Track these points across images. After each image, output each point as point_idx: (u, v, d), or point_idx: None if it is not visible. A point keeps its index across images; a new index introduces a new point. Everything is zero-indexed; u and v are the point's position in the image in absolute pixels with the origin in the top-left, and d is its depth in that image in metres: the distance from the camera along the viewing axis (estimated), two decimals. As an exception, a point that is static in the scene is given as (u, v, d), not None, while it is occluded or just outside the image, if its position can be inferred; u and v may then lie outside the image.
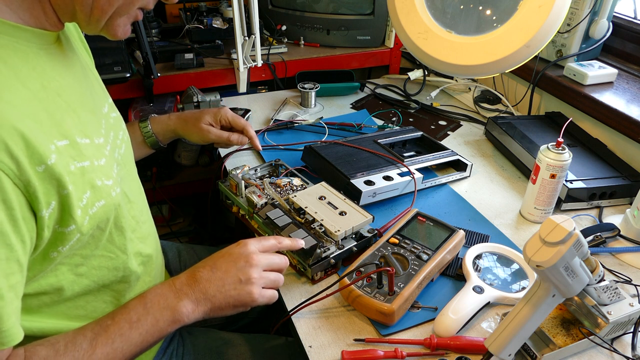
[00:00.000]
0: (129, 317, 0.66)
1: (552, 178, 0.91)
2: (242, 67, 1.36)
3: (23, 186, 0.54)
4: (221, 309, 0.71)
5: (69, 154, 0.60)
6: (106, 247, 0.69)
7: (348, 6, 1.52)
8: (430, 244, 0.83)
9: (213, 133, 1.01)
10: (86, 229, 0.62)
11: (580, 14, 1.19)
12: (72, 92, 0.66)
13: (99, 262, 0.69)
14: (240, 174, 1.00)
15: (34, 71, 0.60)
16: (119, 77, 1.27)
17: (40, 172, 0.55)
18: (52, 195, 0.57)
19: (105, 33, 0.65)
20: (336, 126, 1.26)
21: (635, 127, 1.05)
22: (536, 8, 0.84)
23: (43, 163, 0.55)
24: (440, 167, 1.12)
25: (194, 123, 1.00)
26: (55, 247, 0.60)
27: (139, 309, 0.67)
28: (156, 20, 1.53)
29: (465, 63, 0.91)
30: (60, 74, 0.65)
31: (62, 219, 0.59)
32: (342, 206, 0.89)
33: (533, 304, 0.62)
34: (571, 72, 1.21)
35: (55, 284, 0.64)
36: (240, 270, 0.71)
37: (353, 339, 0.73)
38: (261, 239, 0.77)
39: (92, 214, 0.63)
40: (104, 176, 0.66)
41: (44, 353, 0.60)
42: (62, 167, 0.58)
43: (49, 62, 0.64)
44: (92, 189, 0.63)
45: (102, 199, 0.64)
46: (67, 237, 0.60)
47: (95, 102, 0.73)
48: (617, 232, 0.92)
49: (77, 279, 0.66)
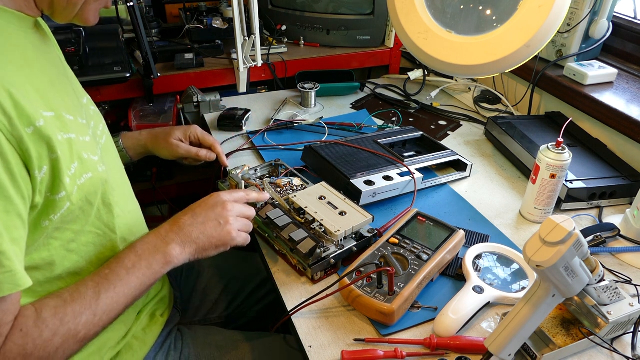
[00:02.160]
0: (125, 264, 0.71)
1: (552, 178, 0.91)
2: (242, 67, 1.36)
3: (16, 143, 0.57)
4: (205, 249, 0.78)
5: (56, 125, 0.63)
6: (95, 223, 0.72)
7: (348, 6, 1.52)
8: (430, 244, 0.83)
9: (182, 148, 1.03)
10: (75, 198, 0.65)
11: (580, 14, 1.19)
12: (54, 74, 0.70)
13: (88, 238, 0.72)
14: (240, 174, 1.00)
15: (17, 49, 0.64)
16: (119, 77, 1.27)
17: (30, 134, 0.58)
18: (44, 159, 0.60)
19: (78, 20, 0.70)
20: (336, 126, 1.26)
21: (635, 127, 1.05)
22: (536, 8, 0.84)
23: (32, 125, 0.58)
24: (440, 167, 1.12)
25: (164, 138, 1.03)
26: (47, 215, 0.63)
27: (132, 256, 0.72)
28: (156, 20, 1.53)
29: (465, 63, 0.91)
30: (40, 58, 0.69)
31: (53, 186, 0.62)
32: (342, 206, 0.89)
33: (533, 304, 0.62)
34: (571, 72, 1.21)
35: (47, 259, 0.66)
36: (219, 215, 0.79)
37: (353, 339, 0.73)
38: (231, 191, 0.85)
39: (80, 184, 0.66)
40: (90, 151, 0.69)
41: (53, 303, 0.64)
42: (50, 131, 0.61)
43: (30, 45, 0.67)
44: (80, 161, 0.66)
45: (89, 172, 0.68)
46: (58, 204, 0.63)
47: (75, 90, 0.76)
48: (617, 232, 0.92)
49: (67, 255, 0.69)
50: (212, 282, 1.10)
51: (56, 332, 0.62)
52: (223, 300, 1.09)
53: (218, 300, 1.09)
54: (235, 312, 1.10)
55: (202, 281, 1.10)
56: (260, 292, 1.13)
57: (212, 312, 1.08)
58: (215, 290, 1.09)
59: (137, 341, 0.84)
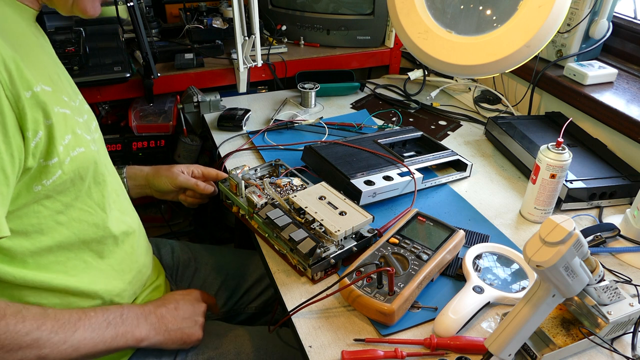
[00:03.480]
0: (107, 318, 0.75)
1: (552, 178, 0.91)
2: (242, 67, 1.36)
3: (14, 100, 0.59)
4: (173, 341, 0.84)
5: (52, 98, 0.66)
6: (85, 201, 0.74)
7: (348, 6, 1.52)
8: (430, 244, 0.83)
9: (182, 177, 1.04)
10: (67, 168, 0.68)
11: (580, 14, 1.19)
12: (50, 67, 0.72)
13: (79, 214, 0.74)
14: (240, 174, 1.00)
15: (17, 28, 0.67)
16: (119, 77, 1.27)
17: (28, 98, 0.61)
18: (40, 124, 0.63)
19: (77, 10, 0.72)
20: (336, 126, 1.26)
21: (635, 127, 1.05)
22: (536, 8, 0.84)
23: (30, 89, 0.61)
24: (440, 167, 1.12)
25: (166, 168, 1.05)
26: (40, 180, 0.65)
27: (117, 317, 0.76)
28: (156, 20, 1.53)
29: (465, 63, 0.91)
30: (39, 50, 0.71)
31: (47, 152, 0.65)
32: (342, 206, 0.89)
33: (533, 304, 0.62)
34: (571, 72, 1.21)
35: (36, 225, 0.68)
36: (196, 313, 0.88)
37: (353, 339, 0.73)
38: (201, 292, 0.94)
39: (73, 156, 0.68)
40: (83, 130, 0.72)
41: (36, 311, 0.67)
42: (47, 100, 0.63)
43: (32, 35, 0.70)
44: (73, 135, 0.69)
45: (82, 146, 0.70)
46: (51, 170, 0.66)
47: (71, 85, 0.79)
48: (617, 232, 0.92)
49: (56, 227, 0.71)
50: (209, 278, 1.10)
51: (29, 332, 0.64)
52: (221, 297, 1.10)
53: (215, 296, 1.09)
54: (233, 308, 1.11)
55: (199, 278, 1.10)
56: (257, 289, 1.13)
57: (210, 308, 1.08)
58: (212, 287, 1.09)
59: None
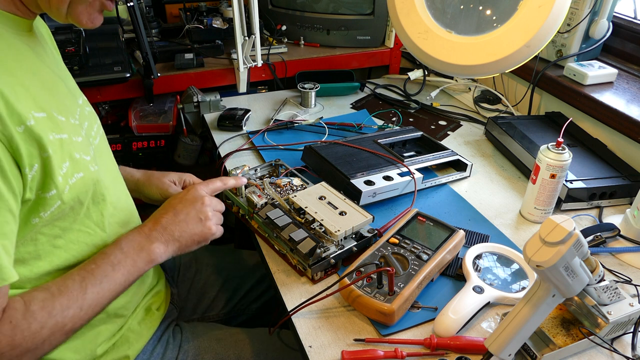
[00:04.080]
0: (110, 261, 0.73)
1: (552, 178, 0.91)
2: (242, 67, 1.36)
3: (7, 141, 0.58)
4: (187, 246, 0.81)
5: (47, 125, 0.64)
6: (84, 222, 0.73)
7: (348, 6, 1.52)
8: (430, 244, 0.83)
9: (174, 188, 1.02)
10: (67, 197, 0.66)
11: (580, 14, 1.19)
12: (47, 76, 0.71)
13: (77, 236, 0.72)
14: (240, 174, 1.00)
15: (9, 49, 0.64)
16: (119, 77, 1.27)
17: (21, 133, 0.59)
18: (35, 158, 0.61)
19: (72, 21, 0.70)
20: (336, 126, 1.26)
21: (635, 127, 1.05)
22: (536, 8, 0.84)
23: (22, 124, 0.59)
24: (440, 167, 1.12)
25: (158, 177, 1.02)
26: (37, 212, 0.64)
27: (117, 253, 0.74)
28: (156, 20, 1.53)
29: (465, 63, 0.91)
30: (34, 60, 0.69)
31: (44, 184, 0.63)
32: (342, 206, 0.89)
33: (533, 304, 0.62)
34: (571, 72, 1.21)
35: (33, 252, 0.67)
36: (199, 211, 0.82)
37: (353, 339, 0.73)
38: (208, 182, 0.88)
39: (72, 184, 0.67)
40: (82, 151, 0.70)
41: (41, 296, 0.65)
42: (41, 131, 0.62)
43: (24, 46, 0.68)
44: (71, 160, 0.67)
45: (80, 172, 0.69)
46: (49, 202, 0.64)
47: (70, 91, 0.77)
48: (617, 232, 0.92)
49: (54, 251, 0.70)
50: (210, 279, 1.10)
51: (44, 324, 0.63)
52: (221, 298, 1.09)
53: (216, 297, 1.09)
54: (233, 309, 1.11)
55: (199, 279, 1.10)
56: (258, 290, 1.13)
57: (211, 310, 1.08)
58: (213, 288, 1.09)
59: (133, 334, 0.85)
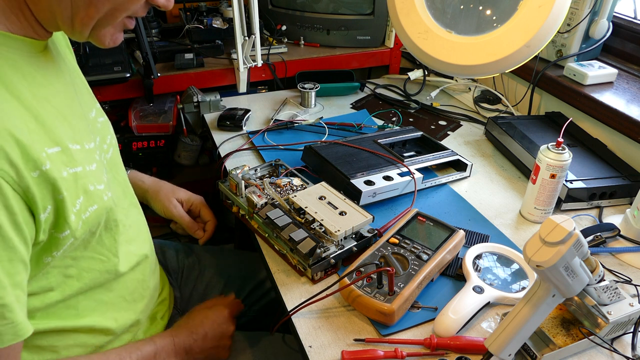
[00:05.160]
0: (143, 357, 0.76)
1: (552, 178, 0.91)
2: (242, 67, 1.36)
3: (22, 192, 0.56)
4: None
5: (61, 161, 0.62)
6: (95, 249, 0.72)
7: (348, 6, 1.52)
8: (430, 244, 0.83)
9: (177, 211, 1.02)
10: (80, 233, 0.65)
11: (580, 14, 1.19)
12: (61, 99, 0.68)
13: (89, 264, 0.71)
14: (240, 174, 1.00)
15: (24, 79, 0.61)
16: (119, 77, 1.27)
17: (36, 178, 0.57)
18: (48, 200, 0.60)
19: (93, 41, 0.65)
20: (336, 126, 1.26)
21: (635, 127, 1.05)
22: (536, 8, 0.84)
23: (37, 169, 0.58)
24: (440, 167, 1.12)
25: (166, 194, 1.01)
26: (50, 252, 0.63)
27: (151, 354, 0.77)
28: (156, 20, 1.53)
29: (465, 63, 0.91)
30: (49, 81, 0.66)
31: (57, 224, 0.62)
32: (342, 206, 0.89)
33: (533, 304, 0.62)
34: (571, 72, 1.21)
35: (45, 286, 0.66)
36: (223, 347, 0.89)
37: (353, 339, 0.73)
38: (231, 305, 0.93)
39: (85, 219, 0.65)
40: (95, 181, 0.68)
41: None
42: (56, 172, 0.60)
43: (38, 70, 0.65)
44: (85, 194, 0.65)
45: (94, 204, 0.67)
46: (62, 242, 0.63)
47: (83, 108, 0.74)
48: (617, 232, 0.92)
49: (66, 281, 0.69)
50: (212, 281, 1.10)
51: None
52: None
53: None
54: None
55: (202, 281, 1.10)
56: (259, 291, 1.13)
57: None
58: (215, 290, 1.09)
59: None
